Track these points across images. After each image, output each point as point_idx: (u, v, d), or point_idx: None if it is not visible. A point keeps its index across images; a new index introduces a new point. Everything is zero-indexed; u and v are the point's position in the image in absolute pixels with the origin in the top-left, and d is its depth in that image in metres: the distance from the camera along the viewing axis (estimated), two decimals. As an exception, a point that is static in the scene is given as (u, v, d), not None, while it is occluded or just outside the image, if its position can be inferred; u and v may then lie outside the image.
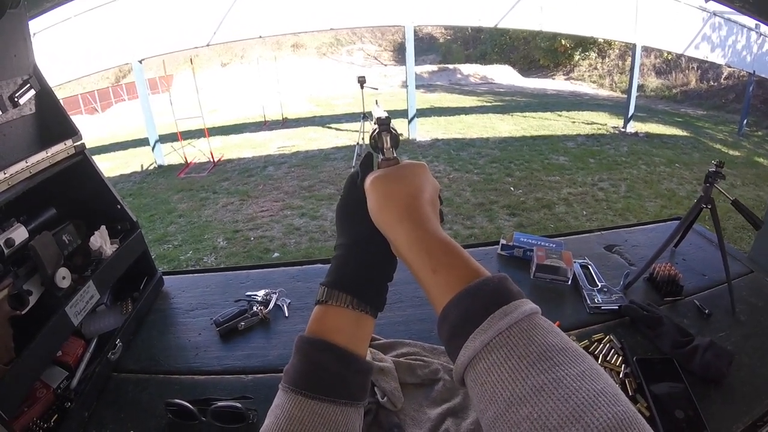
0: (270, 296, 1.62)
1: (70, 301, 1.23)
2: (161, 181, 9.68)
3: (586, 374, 0.42)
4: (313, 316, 0.63)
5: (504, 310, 0.47)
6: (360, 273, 0.64)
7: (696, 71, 18.71)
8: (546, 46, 23.27)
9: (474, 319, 0.48)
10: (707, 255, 1.80)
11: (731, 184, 7.92)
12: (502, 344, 0.45)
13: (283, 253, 6.04)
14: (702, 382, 1.19)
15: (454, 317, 0.50)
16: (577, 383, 0.40)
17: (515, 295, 0.50)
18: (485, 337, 0.46)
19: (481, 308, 0.48)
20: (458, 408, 1.16)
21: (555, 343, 0.45)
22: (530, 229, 6.21)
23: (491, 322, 0.47)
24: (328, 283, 0.63)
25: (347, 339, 0.60)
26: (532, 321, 0.47)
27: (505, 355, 0.45)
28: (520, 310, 0.47)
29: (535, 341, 0.45)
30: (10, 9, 1.21)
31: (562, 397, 0.40)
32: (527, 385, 0.42)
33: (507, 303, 0.48)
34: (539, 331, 0.46)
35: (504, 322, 0.46)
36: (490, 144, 10.77)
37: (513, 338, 0.45)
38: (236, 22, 10.61)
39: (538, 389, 0.41)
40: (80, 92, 21.41)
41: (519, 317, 0.47)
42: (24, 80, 1.37)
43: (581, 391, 0.40)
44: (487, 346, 0.46)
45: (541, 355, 0.43)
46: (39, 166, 1.33)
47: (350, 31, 27.56)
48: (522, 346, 0.45)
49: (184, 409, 1.14)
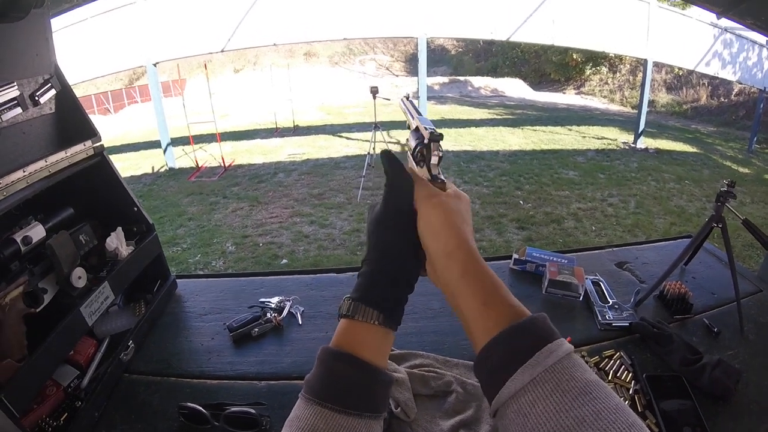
0: (284, 303, 1.63)
1: (85, 301, 1.25)
2: (172, 183, 9.73)
3: (619, 408, 0.46)
4: (339, 329, 0.63)
5: (549, 348, 0.51)
6: (390, 290, 0.65)
7: (707, 87, 18.64)
8: (557, 60, 23.25)
9: (522, 354, 0.51)
10: (717, 273, 1.80)
11: (741, 201, 7.86)
12: (547, 379, 0.49)
13: (292, 260, 6.05)
14: (710, 399, 1.18)
15: (503, 350, 0.53)
16: (614, 416, 0.44)
17: (556, 334, 0.54)
18: (533, 372, 0.49)
19: (529, 345, 0.51)
20: (471, 420, 1.16)
21: (591, 379, 0.49)
22: (539, 244, 6.19)
23: (539, 358, 0.50)
24: (357, 299, 0.63)
25: (373, 353, 0.61)
26: (572, 359, 0.51)
27: (551, 389, 0.48)
28: (563, 348, 0.51)
29: (575, 377, 0.49)
30: (35, 8, 1.22)
31: (601, 428, 0.43)
32: (570, 417, 0.45)
33: (552, 341, 0.52)
34: (578, 368, 0.50)
35: (550, 360, 0.50)
36: (500, 157, 10.74)
37: (558, 374, 0.49)
38: (251, 29, 10.68)
39: (580, 421, 0.44)
40: (94, 92, 21.53)
41: (562, 355, 0.50)
42: (45, 79, 1.39)
43: (617, 423, 0.44)
44: (535, 380, 0.49)
45: (581, 390, 0.47)
46: (58, 166, 1.34)
47: (363, 41, 27.69)
48: (565, 381, 0.48)
49: (197, 412, 1.14)
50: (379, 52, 28.65)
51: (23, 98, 1.31)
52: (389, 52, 28.77)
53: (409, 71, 26.12)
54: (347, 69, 26.92)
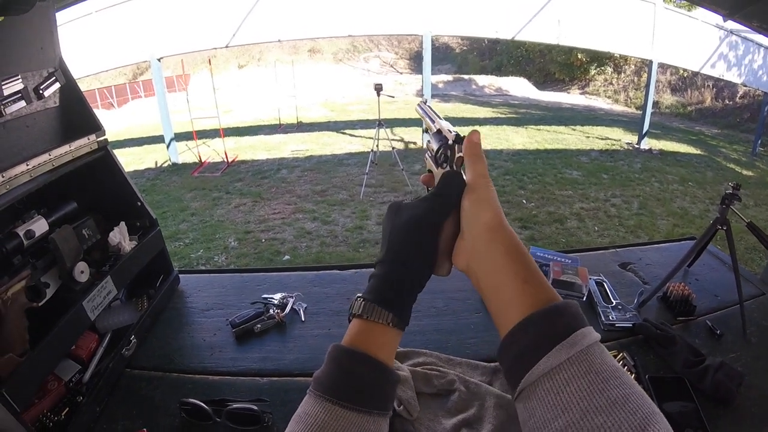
0: (286, 300, 1.63)
1: (88, 295, 1.25)
2: (175, 178, 9.73)
3: (644, 396, 0.48)
4: (352, 328, 0.63)
5: (584, 331, 0.52)
6: (404, 293, 0.65)
7: (711, 89, 18.56)
8: (562, 59, 23.18)
9: (559, 334, 0.52)
10: (720, 276, 1.80)
11: (744, 204, 7.74)
12: (582, 360, 0.50)
13: (294, 256, 6.05)
14: (712, 401, 1.18)
15: (541, 328, 0.54)
16: (641, 400, 0.46)
17: (586, 321, 0.55)
18: (570, 351, 0.51)
19: (566, 326, 0.53)
20: (473, 419, 1.16)
21: (619, 367, 0.51)
22: (541, 243, 6.18)
23: (575, 338, 0.51)
24: (372, 299, 0.63)
25: (384, 353, 0.62)
26: (600, 346, 0.53)
27: (585, 370, 0.49)
28: (593, 335, 0.53)
29: (606, 362, 0.50)
30: (40, 1, 1.22)
31: (631, 410, 0.45)
32: (603, 397, 0.47)
33: (585, 326, 0.53)
34: (607, 354, 0.52)
35: (585, 341, 0.51)
36: (504, 156, 10.73)
37: (591, 356, 0.51)
38: (255, 25, 10.66)
39: (612, 402, 0.46)
40: (97, 87, 21.57)
41: (594, 340, 0.52)
42: (50, 73, 1.39)
43: (644, 407, 0.45)
44: (569, 359, 0.50)
45: (612, 374, 0.49)
46: (62, 160, 1.35)
47: (367, 39, 27.62)
48: (598, 363, 0.50)
49: (199, 408, 1.14)
50: (384, 49, 28.60)
51: (27, 91, 1.31)
52: (393, 49, 28.72)
53: (413, 69, 26.07)
54: (351, 66, 26.89)
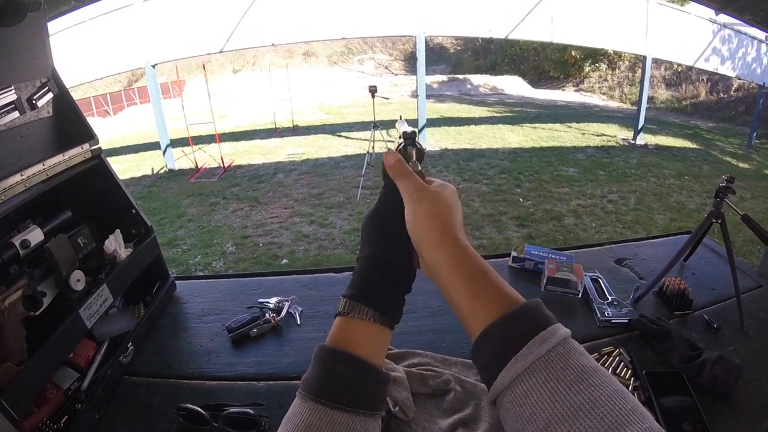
0: (282, 304, 1.62)
1: (84, 303, 1.25)
2: (171, 185, 9.74)
3: (618, 394, 0.45)
4: (334, 327, 0.63)
5: (542, 336, 0.50)
6: (384, 287, 0.64)
7: (706, 83, 18.62)
8: (556, 57, 23.23)
9: (514, 343, 0.50)
10: (716, 269, 1.80)
11: (741, 197, 7.87)
12: (541, 368, 0.48)
13: (292, 260, 6.05)
14: (710, 396, 1.18)
15: (495, 341, 0.53)
16: (611, 402, 0.44)
17: (551, 320, 0.53)
18: (526, 362, 0.49)
19: (521, 333, 0.51)
20: (469, 419, 1.16)
21: (588, 365, 0.49)
22: (539, 241, 6.20)
23: (531, 347, 0.49)
24: (351, 296, 0.63)
25: (368, 351, 0.60)
26: (567, 345, 0.50)
27: (544, 378, 0.47)
28: (557, 335, 0.50)
29: (570, 364, 0.48)
30: (32, 12, 1.23)
31: (597, 416, 0.43)
32: (565, 405, 0.45)
33: (544, 328, 0.51)
34: (574, 354, 0.50)
35: (543, 348, 0.49)
36: (500, 155, 10.75)
37: (551, 362, 0.48)
38: (249, 29, 10.67)
39: (575, 409, 0.44)
40: (92, 95, 21.57)
41: (556, 342, 0.50)
42: (42, 83, 1.39)
43: (614, 410, 0.43)
44: (528, 370, 0.48)
45: (577, 377, 0.47)
46: (56, 169, 1.34)
47: (361, 41, 27.67)
48: (560, 369, 0.48)
49: (196, 414, 1.14)
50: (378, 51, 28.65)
51: (21, 102, 1.31)
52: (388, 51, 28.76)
53: (408, 70, 26.12)
54: (346, 68, 26.92)
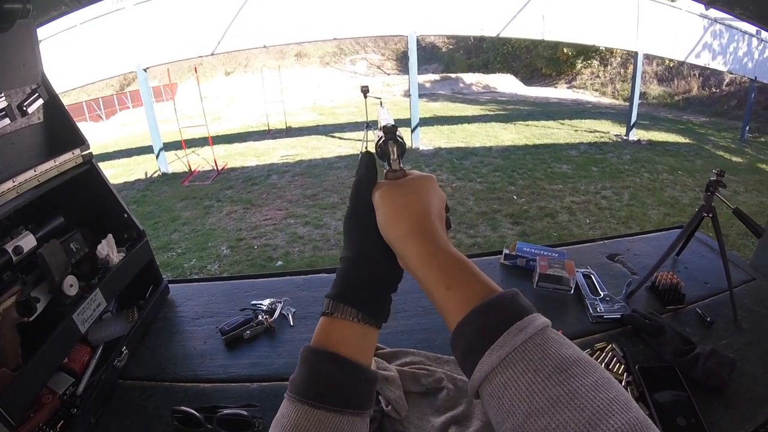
0: (275, 305, 1.63)
1: (78, 308, 1.25)
2: (165, 188, 9.70)
3: (599, 384, 0.43)
4: (318, 327, 0.63)
5: (518, 326, 0.48)
6: (366, 286, 0.63)
7: (698, 78, 18.70)
8: (548, 54, 23.29)
9: (489, 335, 0.49)
10: (709, 263, 1.81)
11: (734, 190, 7.92)
12: (518, 359, 0.46)
13: (287, 261, 6.04)
14: (704, 390, 1.19)
15: (470, 333, 0.51)
16: (592, 393, 0.42)
17: (528, 309, 0.51)
18: (501, 353, 0.47)
19: (496, 324, 0.49)
20: (462, 416, 1.16)
21: (568, 355, 0.47)
22: (533, 238, 6.20)
23: (506, 337, 0.48)
24: (333, 296, 0.62)
25: (353, 350, 0.60)
26: (545, 335, 0.49)
27: (521, 370, 0.46)
28: (534, 324, 0.49)
29: (549, 354, 0.46)
30: (20, 19, 1.22)
31: (577, 407, 0.41)
32: (544, 397, 0.43)
33: (521, 318, 0.49)
34: (552, 344, 0.48)
35: (519, 338, 0.47)
36: (493, 153, 10.76)
37: (528, 353, 0.47)
38: (240, 31, 10.64)
39: (554, 401, 0.42)
40: (85, 99, 21.50)
41: (533, 332, 0.48)
42: (32, 89, 1.39)
43: (595, 401, 0.41)
44: (504, 362, 0.47)
45: (555, 368, 0.45)
46: (47, 175, 1.34)
47: (353, 41, 27.61)
48: (537, 360, 0.46)
49: (190, 416, 1.15)
50: (370, 51, 28.60)
51: (11, 109, 1.31)
52: (380, 50, 28.72)
53: (400, 69, 26.07)
54: (338, 69, 26.88)
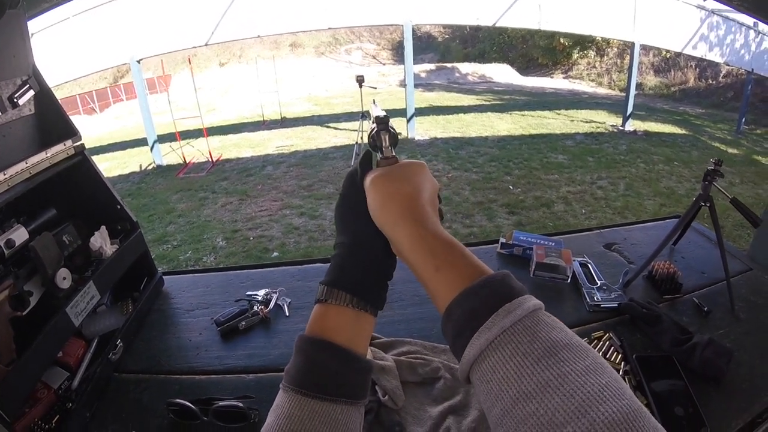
0: (270, 296, 1.62)
1: (71, 301, 1.23)
2: (160, 181, 9.67)
3: (591, 369, 0.42)
4: (313, 315, 0.62)
5: (507, 308, 0.47)
6: (360, 272, 0.63)
7: (694, 69, 18.69)
8: (544, 44, 23.24)
9: (478, 317, 0.48)
10: (706, 253, 1.81)
11: (730, 182, 7.93)
12: (506, 341, 0.45)
13: (283, 252, 6.04)
14: (701, 379, 1.19)
15: (458, 316, 0.50)
16: (582, 378, 0.41)
17: (518, 291, 0.50)
18: (490, 335, 0.46)
19: (485, 306, 0.48)
20: (459, 406, 1.16)
21: (559, 338, 0.45)
22: (529, 228, 6.21)
23: (495, 319, 0.47)
24: (327, 282, 0.62)
25: (347, 338, 0.59)
26: (536, 317, 0.47)
27: (510, 353, 0.45)
28: (524, 306, 0.47)
29: (539, 338, 0.45)
30: (10, 9, 1.21)
31: (567, 392, 0.40)
32: (533, 381, 0.42)
33: (510, 300, 0.48)
34: (543, 327, 0.46)
35: (508, 320, 0.46)
36: (489, 143, 10.76)
37: (517, 335, 0.45)
38: (234, 21, 10.58)
39: (543, 385, 0.41)
40: (78, 92, 21.36)
41: (523, 314, 0.47)
42: (23, 81, 1.37)
43: (586, 386, 0.40)
44: (492, 344, 0.46)
45: (545, 351, 0.43)
46: (39, 167, 1.33)
47: (348, 31, 27.51)
48: (526, 342, 0.45)
49: (186, 408, 1.14)
50: (365, 40, 28.51)
51: (2, 100, 1.30)
52: (375, 40, 28.63)
53: (395, 59, 25.99)
54: (333, 59, 26.79)
